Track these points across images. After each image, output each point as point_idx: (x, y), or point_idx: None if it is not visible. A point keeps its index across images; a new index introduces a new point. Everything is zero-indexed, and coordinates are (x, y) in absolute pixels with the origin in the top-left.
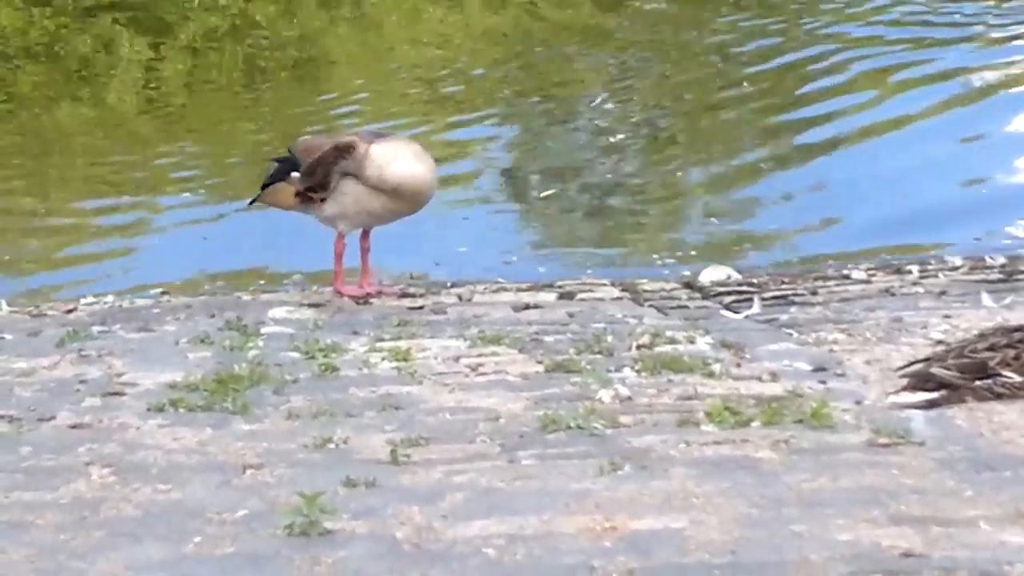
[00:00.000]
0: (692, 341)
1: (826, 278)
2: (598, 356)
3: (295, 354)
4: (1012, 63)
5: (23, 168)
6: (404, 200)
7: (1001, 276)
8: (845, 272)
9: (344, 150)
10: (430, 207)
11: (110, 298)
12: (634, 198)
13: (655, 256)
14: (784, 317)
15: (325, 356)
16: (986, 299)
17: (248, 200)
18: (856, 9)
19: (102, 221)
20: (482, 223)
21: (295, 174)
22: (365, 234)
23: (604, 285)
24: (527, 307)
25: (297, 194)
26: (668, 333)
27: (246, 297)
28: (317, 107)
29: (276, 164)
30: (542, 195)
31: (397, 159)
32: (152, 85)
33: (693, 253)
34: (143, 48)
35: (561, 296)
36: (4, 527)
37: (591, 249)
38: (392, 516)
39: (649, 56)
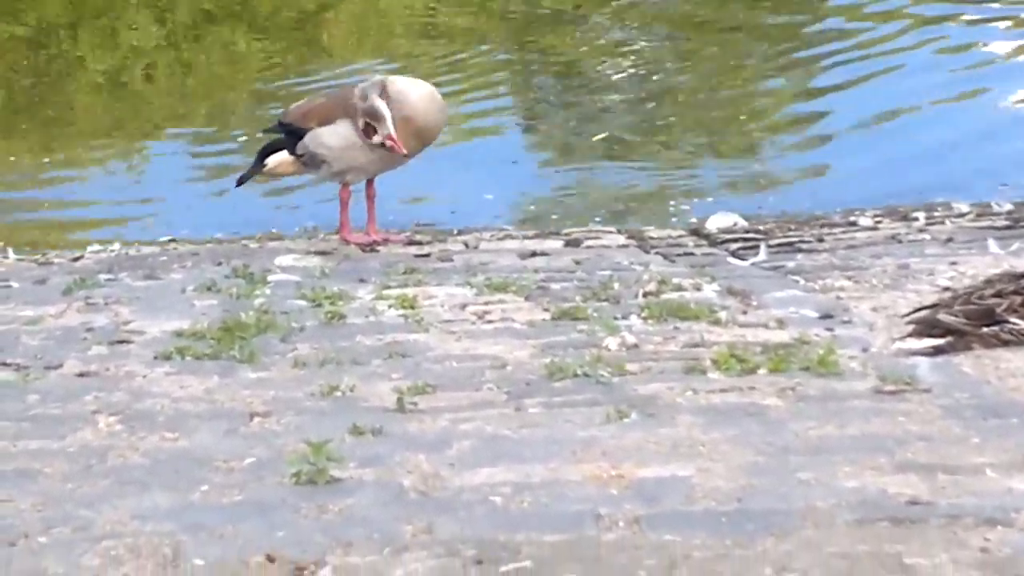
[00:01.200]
0: (698, 288)
1: (832, 225)
2: (604, 303)
3: (302, 302)
4: None
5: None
6: (421, 130)
7: (1008, 223)
8: (851, 219)
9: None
10: (433, 159)
11: (116, 246)
12: (640, 148)
13: (663, 204)
14: (790, 264)
15: (332, 304)
16: (992, 245)
17: (239, 177)
18: None
19: (109, 169)
20: (486, 174)
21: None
22: (369, 182)
23: (610, 232)
24: (533, 254)
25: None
26: (674, 280)
27: (253, 245)
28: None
29: (273, 137)
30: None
31: (416, 86)
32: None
33: (703, 199)
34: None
35: (567, 243)
36: (11, 475)
37: (598, 199)
38: (399, 464)
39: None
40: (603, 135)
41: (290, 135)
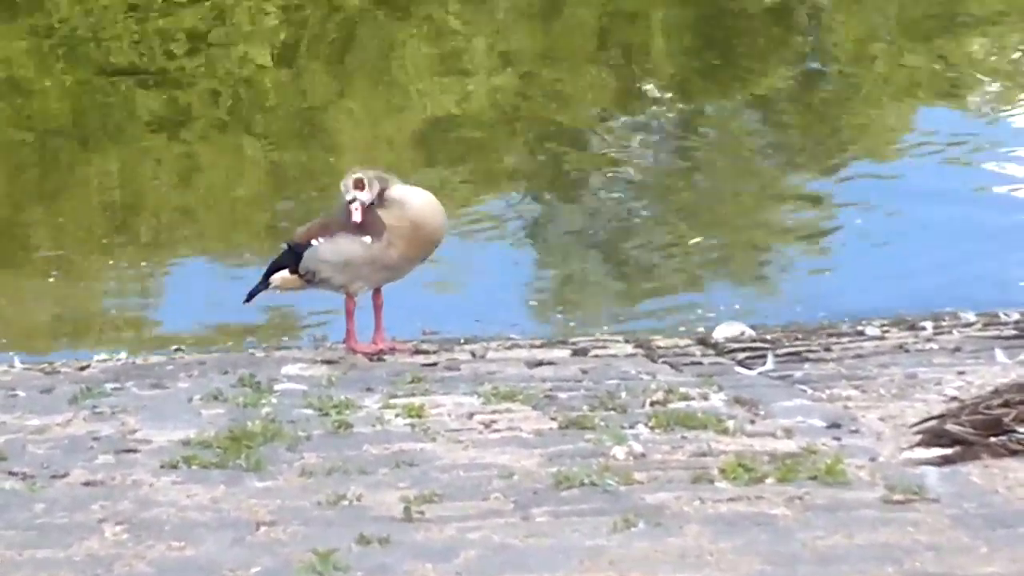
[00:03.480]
0: (706, 398)
1: (840, 334)
2: (612, 413)
3: (309, 411)
4: None
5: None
6: (423, 240)
7: (1015, 332)
8: (859, 328)
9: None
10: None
11: (123, 355)
12: (647, 255)
13: (668, 313)
14: (798, 373)
15: (339, 413)
16: (1000, 355)
17: (248, 294)
18: None
19: (115, 277)
20: (494, 279)
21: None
22: (377, 291)
23: (618, 342)
24: (540, 364)
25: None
26: (682, 389)
27: (259, 354)
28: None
29: (280, 255)
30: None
31: (418, 194)
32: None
33: (706, 312)
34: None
35: (574, 352)
36: None
37: (605, 306)
38: (406, 573)
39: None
40: (605, 242)
41: (293, 253)
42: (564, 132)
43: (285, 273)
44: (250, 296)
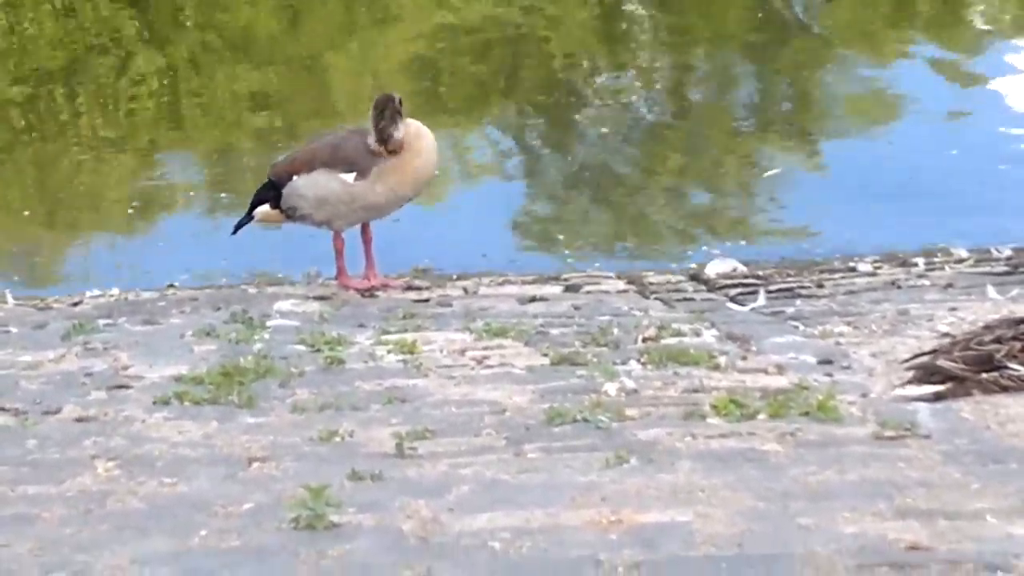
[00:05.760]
0: (698, 334)
1: (832, 270)
2: (604, 349)
3: (301, 347)
4: None
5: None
6: (414, 178)
7: (1007, 268)
8: (851, 265)
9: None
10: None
11: (115, 291)
12: (639, 189)
13: (660, 249)
14: (790, 310)
15: (331, 349)
16: (992, 291)
17: (234, 226)
18: None
19: (110, 216)
20: (486, 216)
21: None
22: (365, 227)
23: (610, 278)
24: (532, 300)
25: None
26: (674, 326)
27: (252, 290)
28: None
29: (262, 187)
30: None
31: (428, 133)
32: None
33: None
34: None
35: (567, 289)
36: (9, 520)
37: (597, 242)
38: (398, 509)
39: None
40: (599, 177)
41: (274, 188)
42: (559, 69)
43: (267, 208)
44: (236, 228)
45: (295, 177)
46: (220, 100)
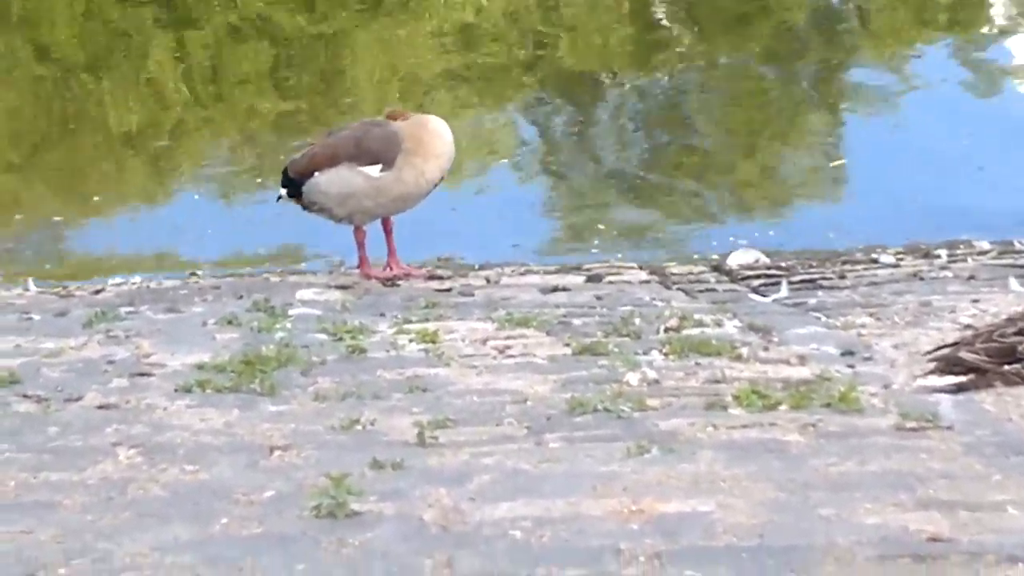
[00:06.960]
0: (720, 324)
1: (854, 262)
2: (626, 339)
3: (323, 335)
4: None
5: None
6: (436, 161)
7: None
8: (873, 256)
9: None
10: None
11: (137, 279)
12: (663, 180)
13: (683, 240)
14: (812, 301)
15: (353, 338)
16: (1014, 283)
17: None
18: None
19: (132, 204)
20: (511, 207)
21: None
22: (385, 217)
23: (632, 268)
24: (555, 290)
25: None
26: (696, 316)
27: (274, 279)
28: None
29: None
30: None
31: (447, 128)
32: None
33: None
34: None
35: (589, 279)
36: (31, 507)
37: (620, 232)
38: (419, 498)
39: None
40: (623, 170)
41: (292, 184)
42: (585, 60)
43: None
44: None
45: (316, 174)
46: (243, 87)
